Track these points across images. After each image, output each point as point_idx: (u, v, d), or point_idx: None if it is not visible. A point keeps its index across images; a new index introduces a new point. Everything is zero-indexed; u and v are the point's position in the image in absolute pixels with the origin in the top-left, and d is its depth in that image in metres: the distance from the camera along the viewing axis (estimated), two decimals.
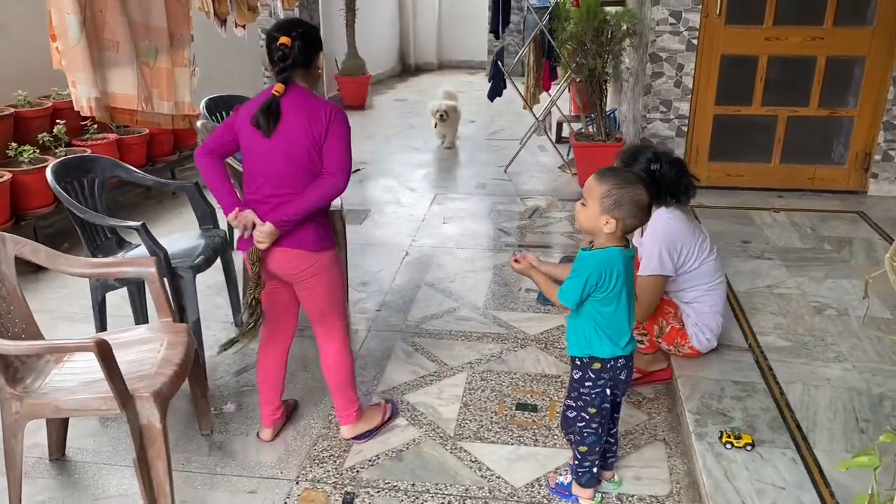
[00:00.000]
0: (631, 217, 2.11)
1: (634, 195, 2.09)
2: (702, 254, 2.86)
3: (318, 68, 2.46)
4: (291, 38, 2.33)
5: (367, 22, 9.90)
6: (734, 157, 5.30)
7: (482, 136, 7.67)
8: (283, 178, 2.38)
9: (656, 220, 2.80)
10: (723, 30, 4.98)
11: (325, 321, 2.60)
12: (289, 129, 2.34)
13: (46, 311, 3.75)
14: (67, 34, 2.91)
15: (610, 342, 2.21)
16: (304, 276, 2.48)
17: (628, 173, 2.19)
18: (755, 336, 3.24)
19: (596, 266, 2.13)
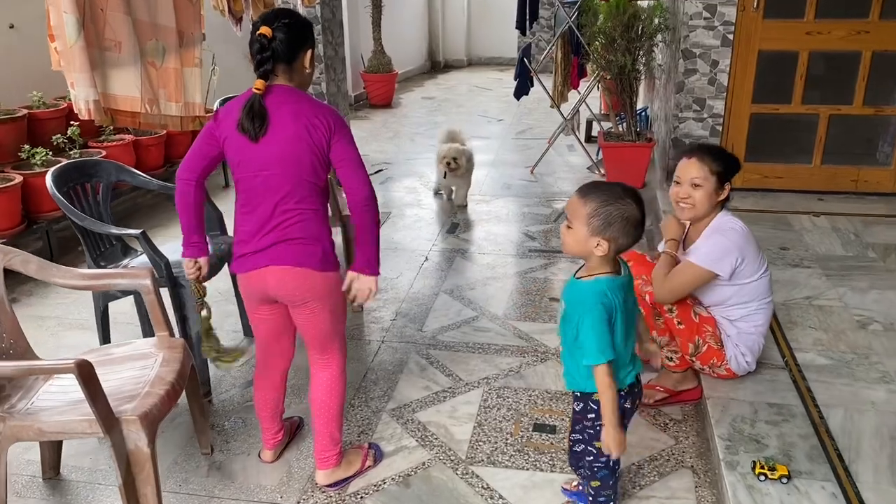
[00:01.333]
0: (624, 236, 1.89)
1: (624, 212, 1.88)
2: (761, 267, 2.66)
3: (305, 67, 2.18)
4: (272, 29, 2.07)
5: (394, 19, 9.76)
6: (772, 158, 5.04)
7: (510, 135, 7.48)
8: (286, 195, 2.14)
9: (724, 225, 2.62)
10: (761, 24, 4.72)
11: (324, 349, 2.38)
12: (283, 136, 2.09)
13: (54, 318, 3.68)
14: (65, 34, 2.80)
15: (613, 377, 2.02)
16: (307, 298, 2.24)
17: (615, 187, 1.95)
18: (792, 353, 3.02)
19: (593, 305, 1.91)
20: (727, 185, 2.59)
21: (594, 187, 1.95)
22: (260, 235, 2.19)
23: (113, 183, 3.19)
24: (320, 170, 2.17)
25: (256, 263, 2.22)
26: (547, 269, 4.15)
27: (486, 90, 9.91)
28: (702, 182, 2.58)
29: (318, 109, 2.14)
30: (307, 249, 2.19)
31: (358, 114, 8.57)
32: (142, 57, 3.31)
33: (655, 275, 2.65)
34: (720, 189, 2.58)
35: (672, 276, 2.60)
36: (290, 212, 2.17)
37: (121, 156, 4.70)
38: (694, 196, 2.60)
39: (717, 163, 2.57)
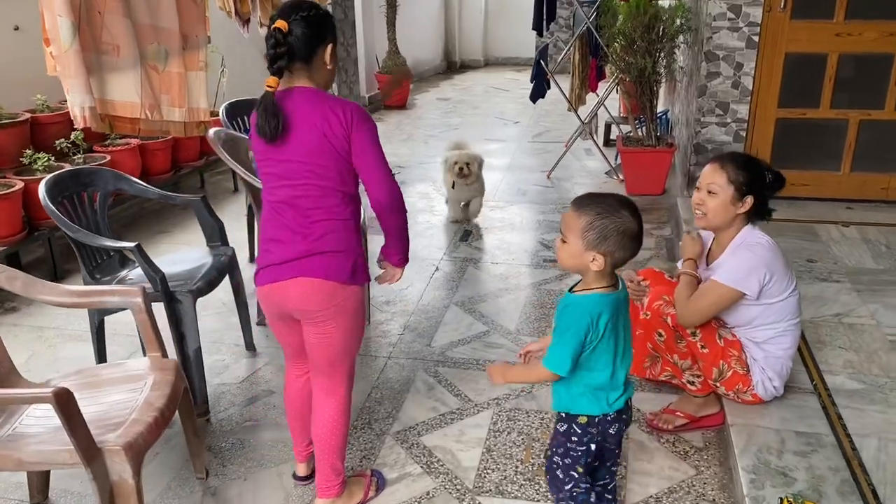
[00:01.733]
0: (620, 249, 1.79)
1: (620, 224, 1.78)
2: (790, 285, 2.48)
3: (325, 63, 2.03)
4: (289, 23, 1.93)
5: (410, 19, 9.63)
6: (798, 165, 4.83)
7: (526, 138, 7.32)
8: (313, 204, 2.01)
9: (750, 239, 2.46)
10: (788, 25, 4.53)
11: (332, 373, 2.20)
12: (304, 140, 1.97)
13: (54, 328, 3.58)
14: (60, 38, 2.70)
15: (597, 400, 1.90)
16: (325, 316, 2.08)
17: (610, 198, 1.84)
18: (821, 375, 2.85)
19: (579, 318, 1.81)
20: (748, 197, 2.41)
21: (589, 199, 1.85)
22: (287, 247, 2.05)
23: (111, 192, 3.08)
24: (346, 174, 2.03)
25: (280, 275, 2.06)
26: (562, 280, 4.00)
27: (502, 91, 9.75)
28: (718, 190, 2.42)
29: (336, 104, 1.98)
30: (338, 262, 2.05)
31: (372, 115, 8.43)
32: (142, 61, 3.20)
33: (678, 297, 2.49)
34: (739, 201, 2.41)
35: (696, 297, 2.44)
36: (319, 222, 2.03)
37: (126, 161, 4.61)
38: (707, 204, 2.46)
39: (740, 172, 2.40)
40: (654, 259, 4.25)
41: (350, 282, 2.08)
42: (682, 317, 2.48)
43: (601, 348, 1.85)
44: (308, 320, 2.12)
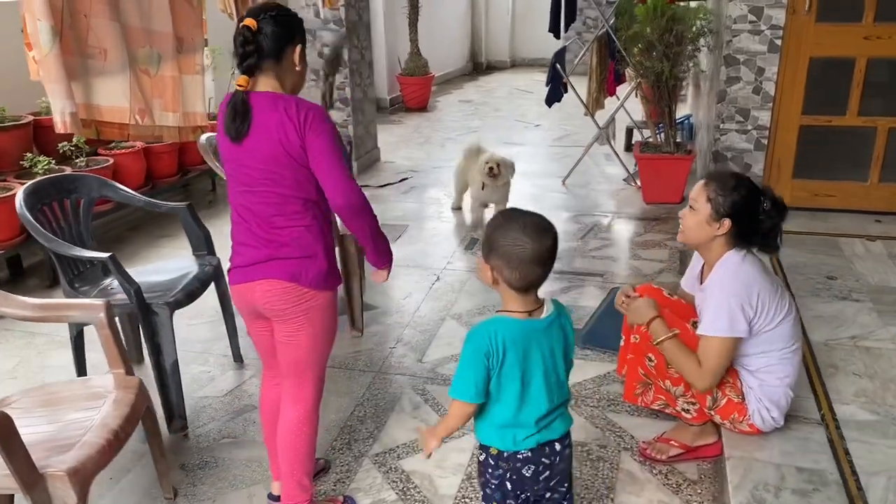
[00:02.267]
0: (507, 268, 1.66)
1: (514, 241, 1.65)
2: (780, 312, 2.30)
3: (295, 64, 1.98)
4: (258, 21, 1.90)
5: (434, 19, 9.52)
6: (823, 175, 4.62)
7: (546, 142, 7.16)
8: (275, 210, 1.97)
9: (726, 264, 2.29)
10: (813, 28, 4.32)
11: (298, 376, 2.15)
12: (263, 144, 1.91)
13: (45, 335, 3.54)
14: (40, 42, 2.63)
15: (502, 436, 1.77)
16: (291, 315, 2.06)
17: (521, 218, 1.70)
18: (830, 405, 2.66)
19: (476, 340, 1.70)
20: (726, 220, 2.25)
21: (499, 214, 1.76)
22: (253, 251, 2.04)
23: (96, 199, 3.02)
24: (304, 181, 1.97)
25: (248, 276, 2.05)
26: (567, 293, 3.85)
27: (526, 93, 9.59)
28: (697, 206, 2.29)
29: (291, 108, 1.91)
30: (302, 266, 2.02)
31: (392, 118, 8.35)
32: (133, 65, 3.13)
33: (681, 369, 2.33)
34: (716, 221, 2.26)
35: (704, 362, 2.28)
36: (282, 230, 2.00)
37: (131, 164, 4.58)
38: (686, 219, 2.34)
39: (722, 193, 2.25)
40: (666, 272, 4.08)
41: (314, 286, 2.04)
42: (697, 385, 2.33)
43: (505, 379, 1.71)
44: (276, 318, 2.09)
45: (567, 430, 1.84)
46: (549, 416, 1.79)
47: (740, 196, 2.27)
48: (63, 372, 3.14)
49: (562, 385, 1.82)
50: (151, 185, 4.81)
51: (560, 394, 1.81)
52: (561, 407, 1.82)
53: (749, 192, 2.26)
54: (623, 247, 4.51)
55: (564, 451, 1.84)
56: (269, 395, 2.32)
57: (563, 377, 1.81)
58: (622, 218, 5.00)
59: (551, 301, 1.78)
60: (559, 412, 1.82)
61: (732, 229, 2.25)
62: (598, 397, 2.93)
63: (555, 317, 1.76)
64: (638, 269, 4.15)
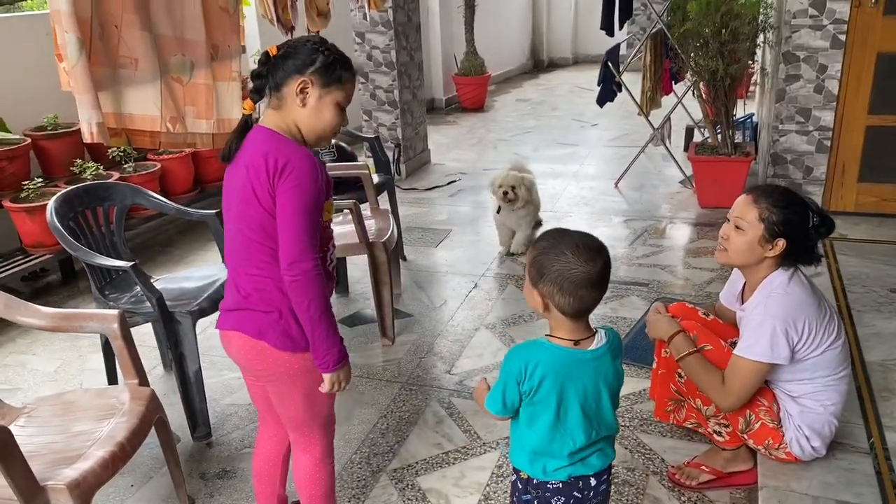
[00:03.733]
0: (560, 294, 1.57)
1: (565, 265, 1.56)
2: (827, 337, 2.11)
3: (294, 98, 1.76)
4: (278, 49, 1.81)
5: (493, 18, 9.42)
6: (892, 178, 4.32)
7: (602, 142, 6.97)
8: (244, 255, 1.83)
9: (772, 285, 2.13)
10: (881, 22, 4.04)
11: (301, 431, 1.99)
12: (237, 174, 1.79)
13: (87, 337, 3.60)
14: (67, 53, 2.68)
15: (533, 462, 1.69)
16: (275, 377, 1.88)
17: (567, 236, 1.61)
18: (881, 432, 2.46)
19: (511, 361, 1.64)
20: (780, 240, 2.08)
21: (546, 235, 1.66)
22: (228, 293, 1.93)
23: (128, 206, 3.07)
24: (272, 230, 1.76)
25: (221, 323, 1.94)
26: (607, 303, 3.71)
27: (587, 91, 9.35)
28: (745, 226, 2.10)
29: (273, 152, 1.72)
30: (266, 321, 1.82)
31: (447, 118, 8.30)
32: (165, 73, 3.15)
33: (704, 387, 2.20)
34: (769, 242, 2.09)
35: (728, 381, 2.14)
36: (249, 276, 1.83)
37: (178, 169, 4.66)
38: (732, 239, 2.15)
39: (776, 211, 2.07)
40: (716, 281, 3.88)
41: (283, 348, 1.83)
42: (722, 406, 2.20)
43: (539, 406, 1.63)
44: (260, 379, 1.96)
45: (605, 467, 1.74)
46: (586, 449, 1.69)
47: (795, 213, 2.10)
48: (100, 376, 3.19)
49: (604, 419, 1.70)
50: (200, 190, 4.89)
51: (601, 428, 1.71)
52: (601, 442, 1.72)
53: (802, 208, 2.10)
54: (673, 254, 4.32)
55: (600, 486, 1.74)
56: (263, 451, 2.16)
57: (606, 411, 1.70)
58: (675, 223, 4.80)
59: (605, 330, 1.68)
60: (598, 447, 1.72)
61: (785, 251, 2.09)
62: (630, 416, 2.80)
63: (605, 349, 1.66)
64: (686, 279, 3.96)
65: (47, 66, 3.87)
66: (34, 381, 3.26)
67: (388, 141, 5.86)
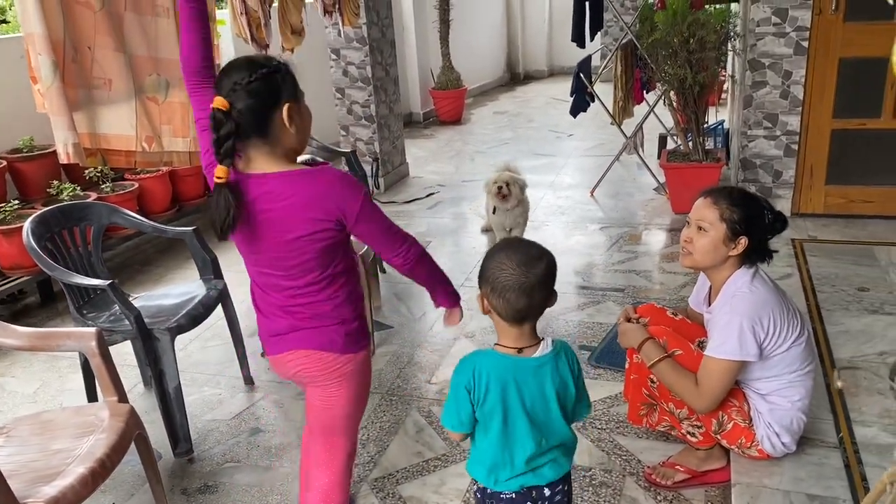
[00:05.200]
0: (492, 295, 1.64)
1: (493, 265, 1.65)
2: (792, 332, 2.17)
3: (286, 125, 1.73)
4: (227, 98, 1.66)
5: (468, 32, 9.52)
6: (858, 180, 4.42)
7: (577, 152, 7.05)
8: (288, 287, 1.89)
9: (736, 284, 2.18)
10: (841, 28, 4.15)
11: (330, 440, 2.05)
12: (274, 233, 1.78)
13: (69, 357, 3.60)
14: (41, 76, 2.70)
15: (486, 471, 1.73)
16: (327, 380, 1.96)
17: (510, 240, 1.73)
18: (850, 427, 2.52)
19: (458, 371, 1.69)
20: (742, 238, 2.14)
21: (499, 243, 1.75)
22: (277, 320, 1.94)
23: (105, 226, 3.09)
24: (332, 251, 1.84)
25: (278, 348, 1.97)
26: (583, 309, 3.76)
27: (562, 102, 9.41)
28: (708, 227, 2.17)
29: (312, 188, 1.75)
30: (332, 332, 1.91)
31: (424, 132, 8.36)
32: (140, 93, 3.18)
33: (677, 391, 2.25)
34: (732, 241, 2.15)
35: (701, 384, 2.19)
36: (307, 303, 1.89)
37: (157, 188, 4.68)
38: (695, 241, 2.21)
39: (734, 209, 2.14)
40: (690, 285, 3.91)
41: (346, 350, 1.94)
42: (696, 408, 2.25)
43: (488, 416, 1.67)
44: (309, 384, 2.01)
45: (559, 477, 1.76)
46: (536, 459, 1.72)
47: (753, 210, 2.17)
48: (80, 396, 3.19)
49: (554, 429, 1.72)
50: (178, 208, 4.91)
51: (551, 437, 1.73)
52: (553, 451, 1.74)
53: (758, 205, 2.17)
54: (648, 259, 4.39)
55: (555, 497, 1.76)
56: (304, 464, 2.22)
57: (556, 420, 1.72)
58: (650, 229, 4.88)
59: (555, 342, 1.71)
60: (550, 457, 1.74)
61: (748, 248, 2.15)
62: (606, 419, 2.84)
63: (549, 358, 1.68)
64: (661, 283, 4.03)
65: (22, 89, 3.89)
66: (13, 402, 3.25)
67: (366, 155, 5.90)
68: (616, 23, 9.92)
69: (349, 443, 2.09)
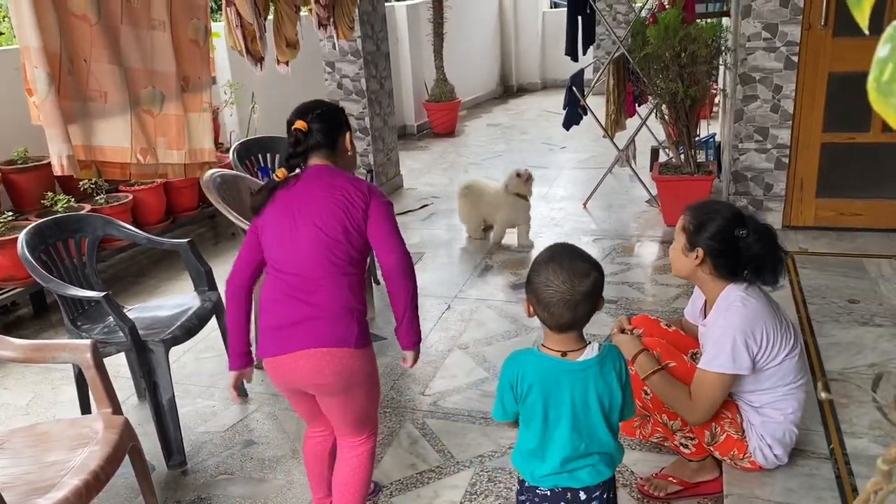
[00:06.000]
0: (537, 305, 1.67)
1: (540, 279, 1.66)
2: (785, 346, 2.19)
3: (346, 149, 2.19)
4: (308, 122, 2.09)
5: (462, 45, 9.57)
6: (848, 193, 4.46)
7: (571, 164, 7.09)
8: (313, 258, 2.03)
9: (728, 299, 2.20)
10: (830, 43, 4.20)
11: (358, 431, 2.16)
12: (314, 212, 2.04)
13: (60, 369, 3.61)
14: (37, 88, 2.71)
15: (525, 464, 1.77)
16: (343, 386, 2.02)
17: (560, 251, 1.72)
18: (841, 438, 2.54)
19: (507, 370, 1.73)
20: (698, 249, 2.18)
21: (549, 247, 1.75)
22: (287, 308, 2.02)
23: (100, 238, 3.09)
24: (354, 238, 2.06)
25: (285, 347, 2.01)
26: None
27: (555, 114, 9.47)
28: (677, 237, 2.26)
29: (349, 179, 2.11)
30: (341, 322, 2.01)
31: (419, 144, 8.39)
32: (135, 106, 3.20)
33: (670, 402, 2.27)
34: (691, 251, 2.19)
35: (695, 396, 2.21)
36: (329, 285, 2.02)
37: (151, 200, 4.69)
38: (671, 249, 2.31)
39: (693, 222, 2.19)
40: (682, 297, 3.97)
41: (361, 344, 2.04)
42: (690, 420, 2.27)
43: (529, 413, 1.71)
44: (322, 392, 2.07)
45: (597, 483, 1.76)
46: (574, 461, 1.73)
47: (714, 225, 2.19)
48: (73, 408, 3.18)
49: (596, 434, 1.73)
50: (172, 220, 4.91)
51: (592, 443, 1.74)
52: (594, 457, 1.75)
53: (725, 220, 2.18)
54: (640, 272, 4.42)
55: (591, 503, 1.77)
56: (312, 446, 2.33)
57: (598, 426, 1.73)
58: (642, 241, 4.91)
59: (602, 347, 1.72)
60: (589, 462, 1.74)
61: (709, 260, 2.18)
62: None
63: (594, 362, 1.69)
64: (654, 295, 4.05)
65: (17, 101, 3.90)
66: (5, 415, 3.24)
67: (361, 167, 5.92)
68: (608, 36, 10.00)
69: (374, 427, 2.23)
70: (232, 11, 3.86)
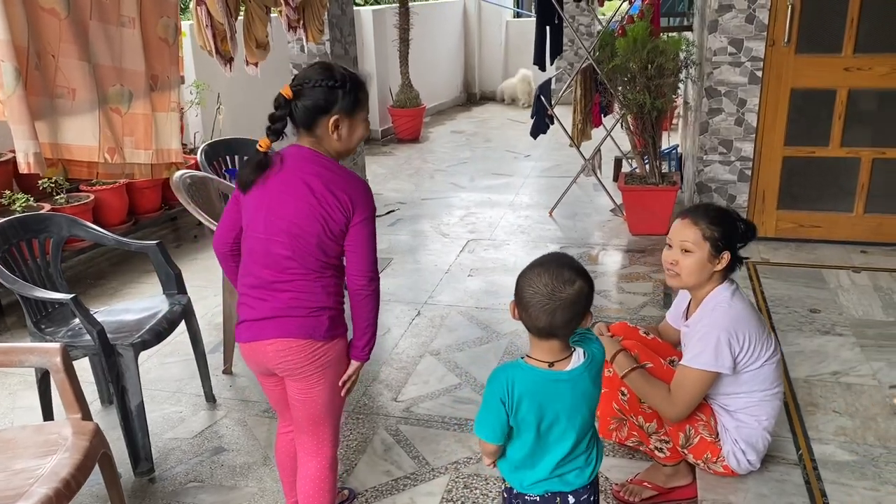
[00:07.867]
0: (520, 307, 1.66)
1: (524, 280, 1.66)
2: (765, 351, 2.23)
3: (329, 133, 1.95)
4: (293, 90, 1.93)
5: (427, 52, 9.58)
6: (808, 205, 4.59)
7: (535, 173, 7.15)
8: (287, 265, 1.97)
9: (716, 299, 2.24)
10: (793, 60, 4.32)
11: (316, 431, 2.11)
12: (291, 201, 1.94)
13: (20, 374, 3.49)
14: (3, 83, 2.62)
15: (514, 473, 1.76)
16: (308, 370, 2.02)
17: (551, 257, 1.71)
18: (808, 444, 2.60)
19: (495, 384, 1.69)
20: (725, 253, 2.21)
21: (545, 255, 1.73)
22: (260, 303, 2.00)
23: (65, 238, 3.00)
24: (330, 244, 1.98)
25: (255, 334, 2.02)
26: None
27: (518, 123, 9.60)
28: (692, 248, 2.22)
29: (333, 178, 1.95)
30: (314, 321, 1.99)
31: (383, 149, 8.36)
32: (103, 104, 3.11)
33: (649, 399, 2.30)
34: (716, 258, 2.22)
35: (674, 392, 2.24)
36: (299, 284, 1.98)
37: (113, 200, 4.57)
38: (681, 263, 2.25)
39: (714, 227, 2.21)
40: (650, 305, 4.03)
41: (328, 337, 2.02)
42: (667, 417, 2.29)
43: (522, 425, 1.69)
44: (289, 376, 2.05)
45: (584, 485, 1.78)
46: (563, 467, 1.74)
47: (730, 225, 2.24)
48: (33, 413, 3.09)
49: (583, 438, 1.75)
50: (134, 221, 4.80)
51: (581, 446, 1.75)
52: (579, 458, 1.76)
53: (733, 219, 2.25)
54: (607, 280, 4.47)
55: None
56: (283, 444, 2.29)
57: (586, 430, 1.75)
58: (607, 249, 4.96)
59: (586, 352, 1.72)
60: (577, 465, 1.76)
61: (729, 261, 2.22)
62: None
63: (581, 369, 1.70)
64: (621, 303, 4.10)
65: None
66: None
67: None
68: (571, 46, 10.12)
69: (334, 430, 2.15)
70: (202, 11, 3.79)
